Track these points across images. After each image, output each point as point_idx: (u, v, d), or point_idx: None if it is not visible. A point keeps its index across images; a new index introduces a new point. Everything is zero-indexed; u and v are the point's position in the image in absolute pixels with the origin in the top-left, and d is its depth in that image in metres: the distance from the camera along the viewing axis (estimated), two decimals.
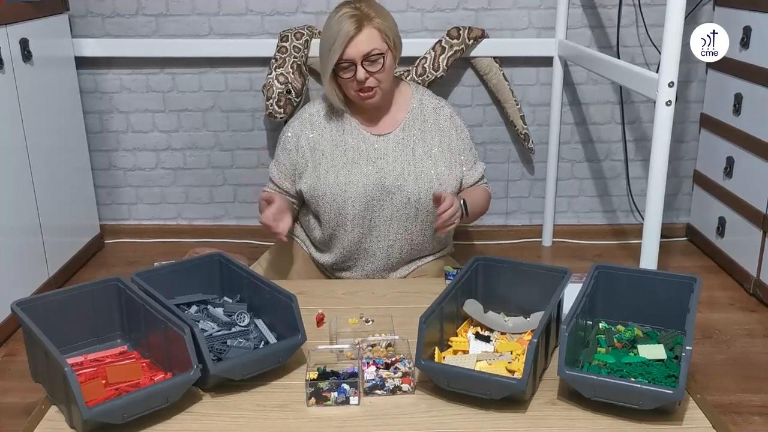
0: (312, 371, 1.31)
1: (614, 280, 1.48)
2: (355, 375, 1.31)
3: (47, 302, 1.41)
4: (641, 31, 2.88)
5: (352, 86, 1.80)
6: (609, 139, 3.04)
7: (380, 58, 1.76)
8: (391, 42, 1.79)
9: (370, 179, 1.84)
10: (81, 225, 2.92)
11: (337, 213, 1.85)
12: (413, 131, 1.88)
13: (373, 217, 1.86)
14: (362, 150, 1.86)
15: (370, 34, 1.75)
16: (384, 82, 1.80)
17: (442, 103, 1.94)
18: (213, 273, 1.61)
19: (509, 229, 3.14)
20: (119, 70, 2.93)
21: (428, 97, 1.94)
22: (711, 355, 2.21)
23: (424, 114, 1.90)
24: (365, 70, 1.76)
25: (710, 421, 1.23)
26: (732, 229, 2.73)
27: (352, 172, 1.84)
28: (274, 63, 2.74)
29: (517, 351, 1.38)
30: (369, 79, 1.77)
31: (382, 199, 1.85)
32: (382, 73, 1.78)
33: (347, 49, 1.74)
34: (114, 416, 1.17)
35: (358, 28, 1.74)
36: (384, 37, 1.77)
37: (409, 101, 1.91)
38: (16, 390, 2.04)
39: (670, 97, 1.89)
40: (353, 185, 1.83)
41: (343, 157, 1.86)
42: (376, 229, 1.87)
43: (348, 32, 1.73)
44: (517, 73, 2.94)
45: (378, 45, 1.76)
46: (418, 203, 1.85)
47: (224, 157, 3.06)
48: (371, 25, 1.75)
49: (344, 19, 1.74)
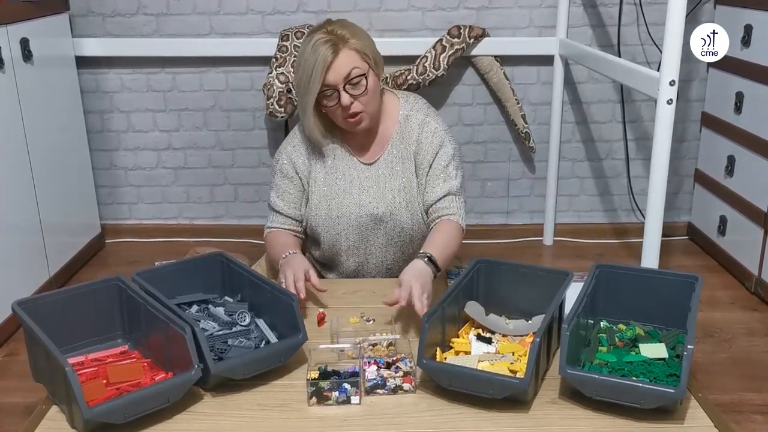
0: (313, 371, 1.31)
1: (615, 279, 1.48)
2: (356, 374, 1.30)
3: (48, 302, 1.41)
4: (642, 30, 2.87)
5: (339, 113, 1.71)
6: (610, 137, 3.04)
7: (362, 79, 1.68)
8: (371, 60, 1.70)
9: (363, 210, 1.79)
10: (82, 224, 2.92)
11: (332, 244, 1.83)
12: (401, 152, 1.80)
13: (368, 246, 1.84)
14: (353, 178, 1.80)
15: (348, 56, 1.66)
16: (369, 104, 1.71)
17: (429, 117, 1.80)
18: (214, 272, 1.61)
19: (510, 228, 3.14)
20: (120, 69, 2.93)
21: (415, 111, 1.81)
22: (712, 354, 2.21)
23: (411, 131, 1.79)
24: (349, 94, 1.67)
25: (712, 420, 1.23)
26: (733, 228, 2.73)
27: (344, 203, 1.79)
28: (274, 62, 2.74)
29: (518, 352, 1.38)
30: (354, 103, 1.69)
31: (375, 228, 1.81)
32: (366, 96, 1.69)
33: (327, 75, 1.65)
34: (115, 416, 1.17)
35: (334, 52, 1.65)
36: (363, 56, 1.68)
37: (396, 116, 1.81)
38: (17, 390, 2.04)
39: (671, 95, 1.88)
40: (345, 218, 1.79)
41: (334, 186, 1.80)
42: (372, 256, 1.86)
43: (325, 58, 1.64)
44: (518, 71, 2.94)
45: (358, 65, 1.67)
46: (412, 230, 1.82)
47: (225, 157, 3.06)
48: (347, 47, 1.67)
49: (319, 46, 1.65)
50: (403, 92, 1.88)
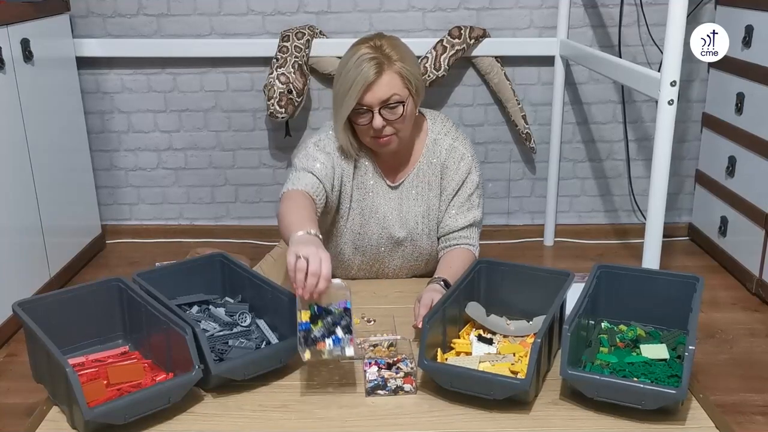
0: (304, 311, 1.28)
1: (616, 280, 1.47)
2: (347, 311, 1.29)
3: (48, 302, 1.41)
4: (643, 30, 2.87)
5: (368, 132, 1.64)
6: (611, 138, 3.04)
7: (400, 106, 1.60)
8: (413, 88, 1.62)
9: (384, 231, 1.75)
10: (82, 225, 2.92)
11: (347, 258, 1.80)
12: (427, 177, 1.74)
13: (382, 266, 1.82)
14: (379, 197, 1.75)
15: (391, 79, 1.58)
16: (402, 130, 1.64)
17: (457, 142, 1.74)
18: (214, 273, 1.60)
19: (511, 229, 3.14)
20: (120, 70, 2.93)
21: (443, 135, 1.74)
22: (713, 355, 2.20)
23: (438, 156, 1.73)
24: (382, 117, 1.60)
25: (713, 421, 1.23)
26: (734, 229, 2.73)
27: (368, 221, 1.75)
28: (275, 63, 2.74)
29: (519, 353, 1.38)
30: (386, 127, 1.62)
31: (393, 250, 1.79)
32: (401, 122, 1.62)
33: (365, 95, 1.58)
34: (115, 417, 1.17)
35: (378, 72, 1.57)
36: (406, 82, 1.60)
37: (424, 140, 1.74)
38: (18, 390, 2.04)
39: (672, 96, 1.88)
40: (367, 236, 1.76)
41: (361, 202, 1.74)
42: (383, 275, 1.84)
43: (366, 77, 1.56)
44: (519, 72, 2.94)
45: (399, 91, 1.59)
46: (429, 255, 1.80)
47: (225, 157, 3.06)
48: (392, 70, 1.58)
49: (363, 62, 1.57)
50: (430, 112, 1.80)
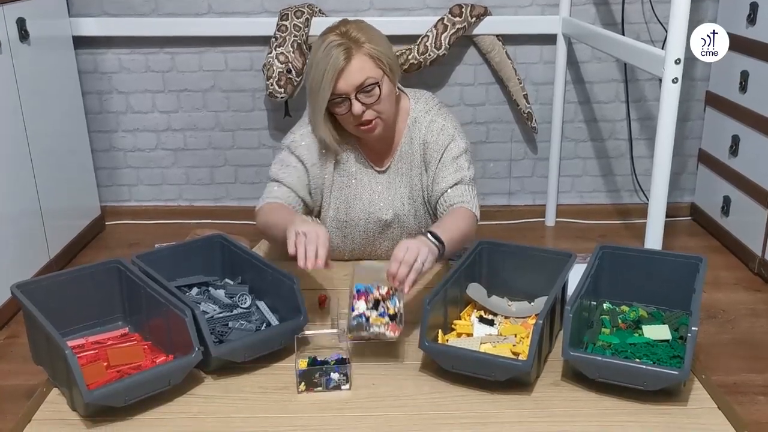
0: (302, 359, 1.29)
1: (619, 261, 1.47)
2: (344, 361, 1.28)
3: (47, 284, 1.40)
4: (647, 8, 2.84)
5: (350, 121, 1.62)
6: (613, 117, 3.02)
7: (375, 87, 1.57)
8: (386, 66, 1.60)
9: (371, 216, 1.75)
10: (81, 207, 2.91)
11: (336, 246, 1.80)
12: (409, 157, 1.72)
13: (373, 249, 1.82)
14: (365, 184, 1.74)
15: (362, 62, 1.56)
16: (384, 112, 1.62)
17: (438, 116, 1.70)
18: (214, 255, 1.60)
19: (512, 209, 3.13)
20: (118, 49, 2.91)
21: (423, 113, 1.71)
22: (715, 335, 2.20)
23: (418, 134, 1.71)
24: (360, 102, 1.58)
25: (715, 402, 1.22)
26: (737, 209, 2.71)
27: (353, 209, 1.74)
28: (274, 42, 2.71)
29: (521, 334, 1.37)
30: (366, 111, 1.59)
31: (382, 233, 1.78)
32: (379, 104, 1.59)
33: (338, 83, 1.55)
34: (115, 399, 1.17)
35: (347, 58, 1.55)
36: (377, 63, 1.58)
37: (405, 119, 1.72)
38: (18, 373, 2.04)
39: (676, 74, 1.87)
40: (353, 222, 1.76)
41: (345, 191, 1.74)
42: (376, 256, 1.83)
43: (336, 65, 1.54)
44: (521, 51, 2.91)
45: (371, 73, 1.57)
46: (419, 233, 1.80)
47: (225, 138, 3.04)
48: (361, 52, 1.56)
49: (331, 50, 1.55)
50: (414, 92, 1.77)
